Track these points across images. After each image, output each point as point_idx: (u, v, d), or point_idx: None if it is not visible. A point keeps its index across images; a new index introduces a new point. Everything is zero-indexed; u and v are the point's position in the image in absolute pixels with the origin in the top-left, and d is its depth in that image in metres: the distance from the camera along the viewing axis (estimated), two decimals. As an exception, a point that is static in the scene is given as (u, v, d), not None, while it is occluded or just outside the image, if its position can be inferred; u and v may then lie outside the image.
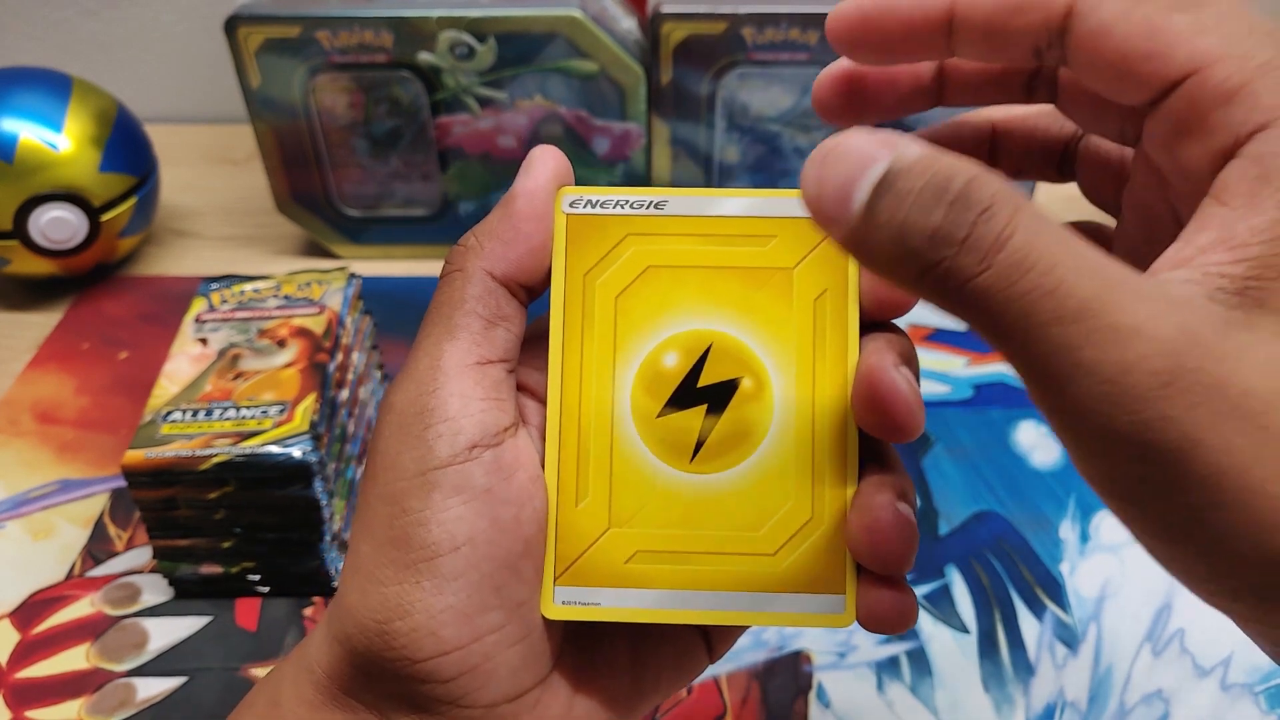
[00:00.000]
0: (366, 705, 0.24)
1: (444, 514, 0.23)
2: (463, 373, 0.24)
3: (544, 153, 0.26)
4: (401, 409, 0.24)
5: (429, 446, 0.23)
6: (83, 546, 0.50)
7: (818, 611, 0.24)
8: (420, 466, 0.23)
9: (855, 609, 0.24)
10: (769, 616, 0.24)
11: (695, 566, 0.25)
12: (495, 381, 0.24)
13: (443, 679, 0.23)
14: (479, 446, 0.23)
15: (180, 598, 0.47)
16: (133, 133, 0.65)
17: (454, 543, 0.23)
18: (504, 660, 0.24)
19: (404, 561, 0.23)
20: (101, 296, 0.66)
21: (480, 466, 0.23)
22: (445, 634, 0.23)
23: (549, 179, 0.25)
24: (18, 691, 0.43)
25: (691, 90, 0.62)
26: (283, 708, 0.25)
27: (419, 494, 0.23)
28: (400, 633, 0.23)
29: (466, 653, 0.23)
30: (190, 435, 0.43)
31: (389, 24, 0.59)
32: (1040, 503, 0.52)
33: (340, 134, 0.64)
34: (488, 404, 0.24)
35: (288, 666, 0.26)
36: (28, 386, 0.59)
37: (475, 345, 0.24)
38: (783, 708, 0.43)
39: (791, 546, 0.25)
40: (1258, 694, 0.43)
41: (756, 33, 0.60)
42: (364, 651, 0.23)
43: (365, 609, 0.23)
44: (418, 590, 0.23)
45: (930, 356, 0.61)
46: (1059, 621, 0.46)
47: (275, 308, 0.50)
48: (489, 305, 0.24)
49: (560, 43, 0.60)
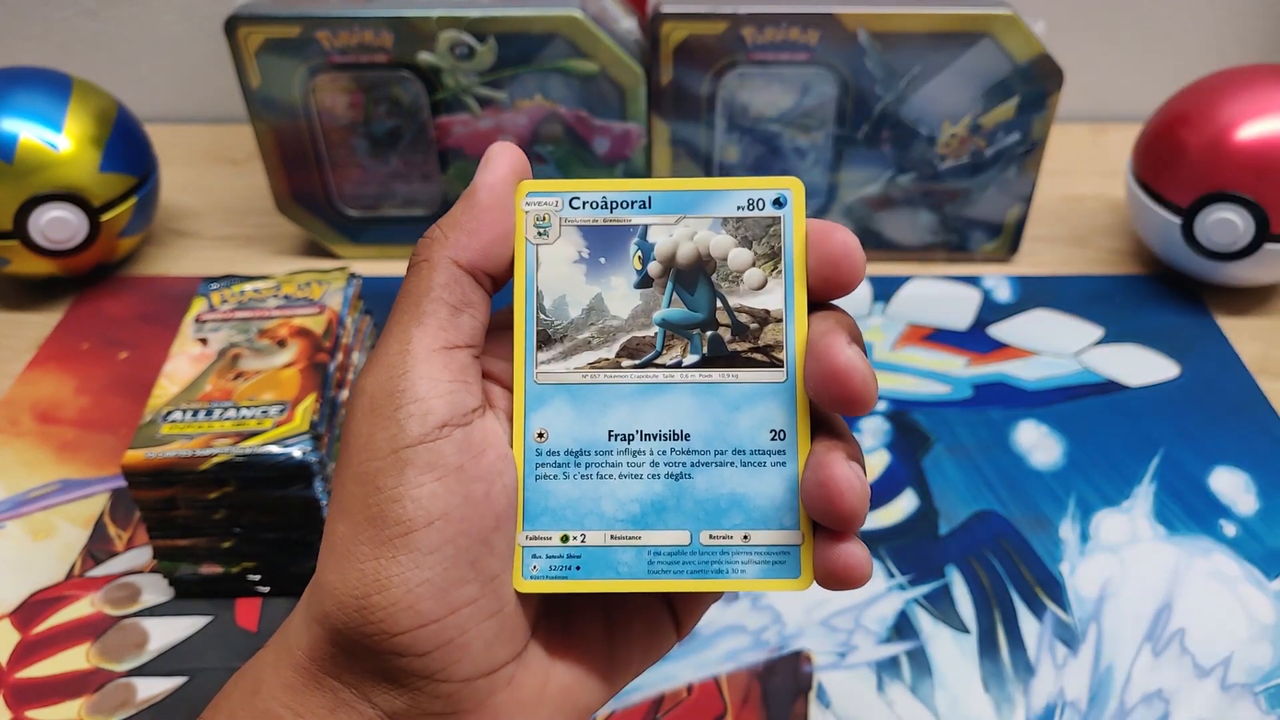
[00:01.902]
0: (346, 684, 0.24)
1: (417, 490, 0.23)
2: (431, 357, 0.24)
3: (502, 149, 0.27)
4: (372, 392, 0.24)
5: (401, 426, 0.24)
6: (83, 546, 0.50)
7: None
8: (393, 445, 0.24)
9: (811, 573, 0.25)
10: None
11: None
12: (462, 365, 0.25)
13: (420, 652, 0.24)
14: (449, 425, 0.24)
15: (180, 598, 0.47)
16: (133, 133, 0.65)
17: (428, 518, 0.23)
18: (479, 634, 0.24)
19: (380, 538, 0.23)
20: (101, 296, 0.66)
21: (451, 444, 0.24)
22: (422, 607, 0.23)
23: (508, 173, 0.26)
24: (18, 691, 0.43)
25: (691, 90, 0.62)
26: (263, 693, 0.25)
27: (392, 472, 0.24)
28: (378, 607, 0.23)
29: (443, 625, 0.24)
30: (190, 435, 0.43)
31: (389, 24, 0.59)
32: (1040, 503, 0.52)
33: (340, 134, 0.64)
34: (456, 385, 0.25)
35: (267, 652, 0.26)
36: (28, 386, 0.59)
37: (442, 331, 0.25)
38: (783, 708, 0.43)
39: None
40: (1258, 694, 0.43)
41: (756, 33, 0.60)
42: (343, 628, 0.24)
43: (343, 586, 0.24)
44: (394, 565, 0.23)
45: (930, 356, 0.61)
46: (1059, 621, 0.46)
47: (275, 308, 0.50)
48: (455, 293, 0.25)
49: (560, 43, 0.60)
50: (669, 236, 0.27)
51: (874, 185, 0.66)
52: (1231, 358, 0.61)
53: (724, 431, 0.26)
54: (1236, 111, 0.59)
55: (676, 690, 0.44)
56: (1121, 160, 0.69)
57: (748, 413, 0.26)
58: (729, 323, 0.26)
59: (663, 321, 0.27)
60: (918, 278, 0.68)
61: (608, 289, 0.27)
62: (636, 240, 0.27)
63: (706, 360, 0.26)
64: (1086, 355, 0.61)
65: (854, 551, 0.25)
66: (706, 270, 0.27)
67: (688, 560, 0.26)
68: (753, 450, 0.26)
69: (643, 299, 0.27)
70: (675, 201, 0.27)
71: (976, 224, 0.67)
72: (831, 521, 0.25)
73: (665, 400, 0.26)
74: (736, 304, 0.26)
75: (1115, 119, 0.86)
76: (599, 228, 0.27)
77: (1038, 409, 0.57)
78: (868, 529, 0.50)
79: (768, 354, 0.26)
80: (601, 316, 0.27)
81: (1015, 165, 0.65)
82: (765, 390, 0.26)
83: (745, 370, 0.26)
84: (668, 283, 0.27)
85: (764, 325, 0.26)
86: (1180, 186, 0.61)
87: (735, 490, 0.26)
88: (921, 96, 0.62)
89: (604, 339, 0.27)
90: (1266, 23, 0.83)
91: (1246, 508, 0.51)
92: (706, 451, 0.26)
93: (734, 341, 0.26)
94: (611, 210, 0.27)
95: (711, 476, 0.26)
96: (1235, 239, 0.59)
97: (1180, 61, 0.85)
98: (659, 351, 0.26)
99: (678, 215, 0.27)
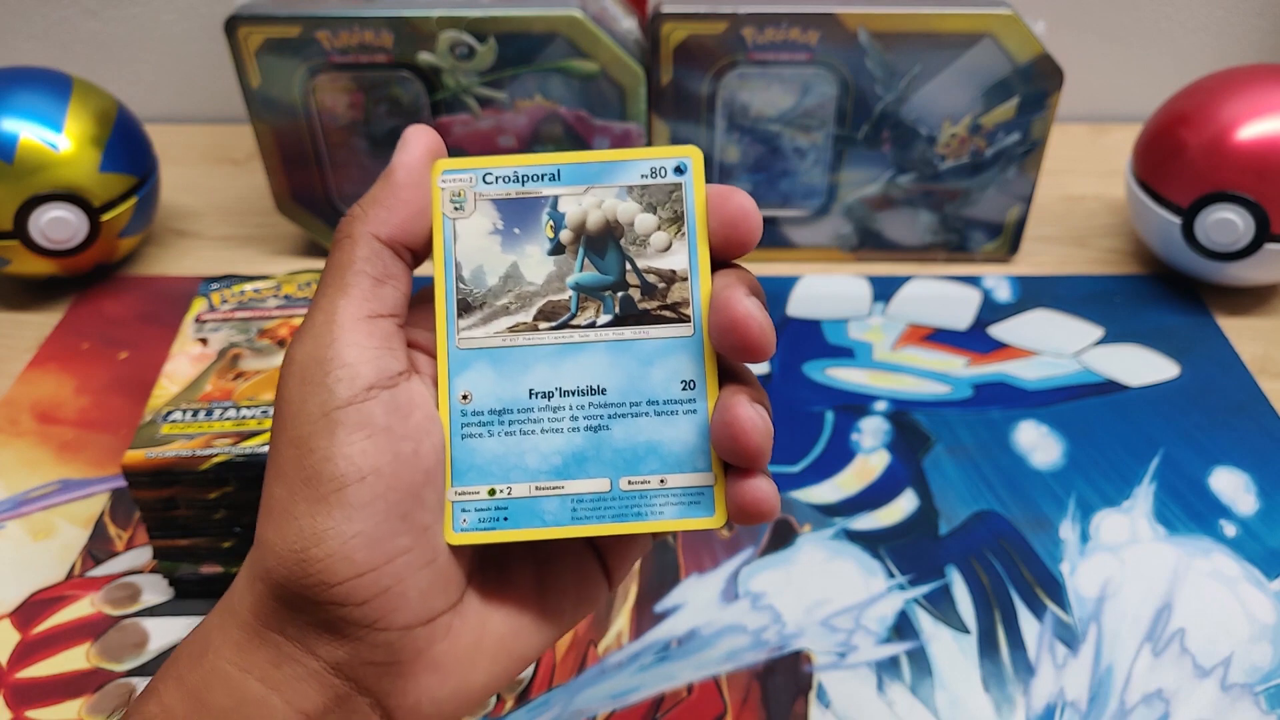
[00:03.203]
0: (290, 638, 0.25)
1: (349, 449, 0.25)
2: (356, 325, 0.26)
3: (418, 130, 0.28)
4: (302, 361, 0.26)
5: (330, 390, 0.25)
6: (83, 546, 0.50)
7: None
8: (323, 409, 0.25)
9: (725, 510, 0.27)
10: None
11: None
12: (386, 333, 0.26)
13: (357, 601, 0.25)
14: (375, 388, 0.25)
15: (180, 598, 0.47)
16: (133, 133, 0.65)
17: (359, 474, 0.25)
18: (414, 583, 0.26)
19: (315, 496, 0.25)
20: (101, 296, 0.66)
21: (379, 405, 0.25)
22: (358, 558, 0.25)
23: (423, 152, 0.28)
24: (18, 691, 0.43)
25: (691, 90, 0.62)
26: (210, 654, 0.26)
27: (324, 434, 0.25)
28: (316, 559, 0.24)
29: (378, 574, 0.25)
30: (190, 435, 0.43)
31: (389, 24, 0.59)
32: (1040, 503, 0.52)
33: (340, 134, 0.64)
34: (381, 351, 0.26)
35: (212, 616, 0.27)
36: (28, 386, 0.59)
37: (366, 301, 0.26)
38: (783, 708, 0.43)
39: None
40: (1258, 694, 0.43)
41: (756, 33, 0.60)
42: (284, 582, 0.25)
43: (282, 542, 0.25)
44: (329, 519, 0.25)
45: (930, 356, 0.61)
46: (1059, 621, 0.46)
47: (275, 308, 0.50)
48: (376, 265, 0.27)
49: (560, 43, 0.60)
50: (578, 205, 0.28)
51: (874, 185, 0.66)
52: (1231, 358, 0.61)
53: (638, 384, 0.28)
54: (1236, 111, 0.59)
55: (676, 690, 0.44)
56: (1121, 160, 0.69)
57: (659, 366, 0.28)
58: (638, 283, 0.28)
59: (576, 285, 0.28)
60: (918, 278, 0.68)
61: (523, 257, 0.28)
62: (548, 210, 0.28)
63: (619, 319, 0.28)
64: (1086, 355, 0.61)
65: (761, 486, 0.26)
66: (615, 235, 0.28)
67: (609, 506, 0.28)
68: (665, 400, 0.28)
69: (556, 265, 0.28)
70: (583, 173, 0.28)
71: (976, 224, 0.67)
72: (739, 459, 0.26)
73: (582, 358, 0.28)
74: (644, 266, 0.28)
75: (1115, 119, 0.86)
76: (512, 200, 0.28)
77: (1038, 409, 0.57)
78: (868, 529, 0.50)
79: (676, 310, 0.28)
80: (518, 283, 0.28)
81: (1015, 165, 0.65)
82: (674, 344, 0.28)
83: (655, 326, 0.28)
84: (579, 249, 0.28)
85: (671, 284, 0.28)
86: (1180, 186, 0.61)
87: (651, 438, 0.28)
88: (922, 96, 0.62)
89: (521, 304, 0.28)
90: (1266, 23, 0.83)
91: (1246, 508, 0.51)
92: (622, 404, 0.28)
93: (644, 301, 0.28)
94: (523, 184, 0.28)
95: (628, 427, 0.28)
96: (1235, 239, 0.59)
97: (1180, 61, 0.85)
98: (574, 313, 0.28)
99: (586, 185, 0.28)
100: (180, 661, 0.26)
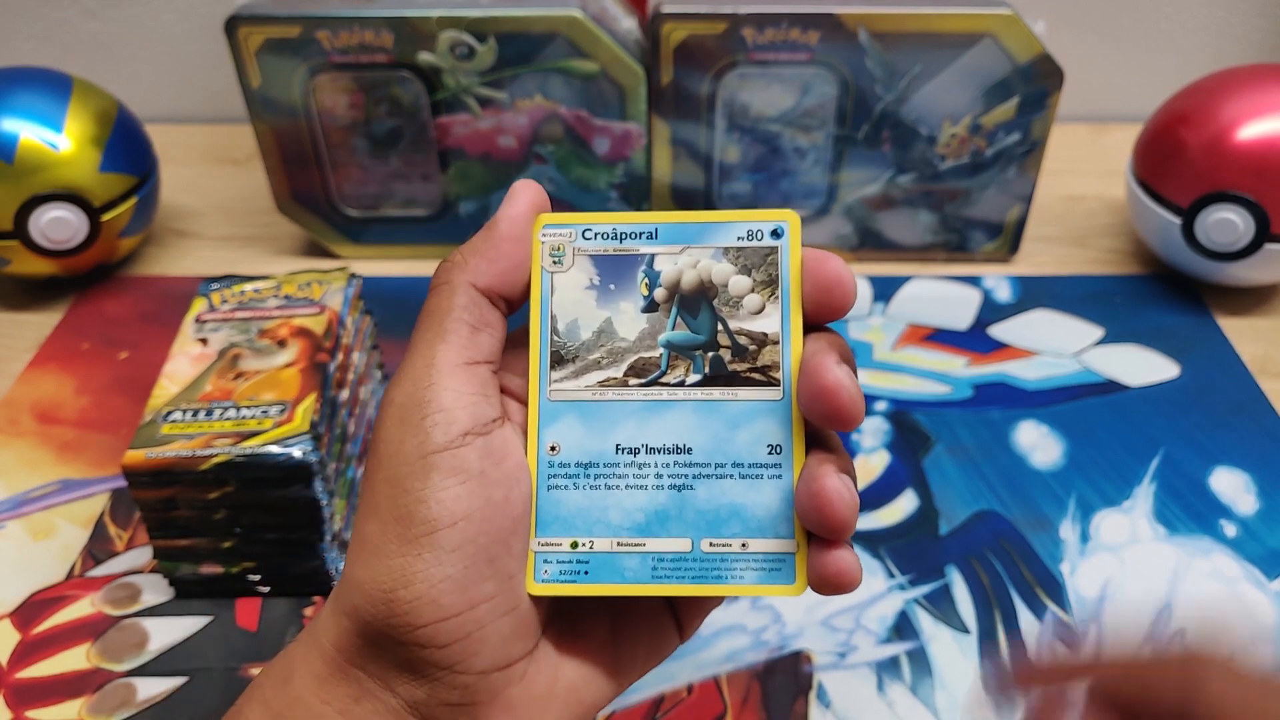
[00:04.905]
0: (371, 675, 0.26)
1: (442, 493, 0.25)
2: (454, 371, 0.26)
3: (525, 185, 0.29)
4: (401, 402, 0.26)
5: (427, 433, 0.26)
6: (83, 546, 0.50)
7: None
8: (420, 451, 0.26)
9: (805, 578, 0.27)
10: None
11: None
12: (482, 380, 0.27)
13: (441, 644, 0.25)
14: (471, 434, 0.26)
15: (180, 598, 0.47)
16: (133, 133, 0.65)
17: (451, 518, 0.25)
18: (495, 629, 0.26)
19: (406, 536, 0.25)
20: (101, 296, 0.66)
21: (473, 451, 0.26)
22: (444, 601, 0.25)
23: (528, 206, 0.29)
24: (18, 691, 0.43)
25: (691, 90, 0.62)
26: (294, 682, 0.27)
27: (419, 476, 0.25)
28: (403, 600, 0.25)
29: (462, 619, 0.25)
30: (190, 435, 0.43)
31: (389, 24, 0.59)
32: (1040, 503, 0.52)
33: (340, 134, 0.64)
34: (477, 398, 0.27)
35: (297, 645, 0.28)
36: (28, 386, 0.59)
37: (464, 348, 0.27)
38: (783, 708, 0.43)
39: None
40: (1258, 694, 0.43)
41: (756, 33, 0.60)
42: (370, 620, 0.25)
43: (372, 580, 0.25)
44: (419, 562, 0.25)
45: (930, 356, 0.61)
46: (1059, 621, 0.46)
47: (275, 308, 0.50)
48: (474, 313, 0.27)
49: (560, 43, 0.60)
50: (674, 265, 0.29)
51: (874, 185, 0.66)
52: (1231, 358, 0.61)
53: (724, 446, 0.28)
54: (1236, 111, 0.59)
55: (676, 690, 0.44)
56: (1121, 160, 0.69)
57: (746, 428, 0.28)
58: (729, 344, 0.28)
59: (667, 343, 0.28)
60: (918, 278, 0.68)
61: (617, 313, 0.29)
62: (644, 268, 0.29)
63: (708, 379, 0.28)
64: (1086, 355, 0.61)
65: (845, 558, 0.26)
66: (708, 296, 0.28)
67: (689, 566, 0.27)
68: (751, 464, 0.28)
69: (649, 322, 0.28)
70: (680, 233, 0.29)
71: (976, 224, 0.67)
72: (824, 530, 0.26)
73: (669, 416, 0.28)
74: (736, 327, 0.28)
75: (1115, 119, 0.86)
76: (609, 257, 0.29)
77: (1038, 409, 0.57)
78: (868, 529, 0.50)
79: (765, 374, 0.28)
80: (610, 339, 0.29)
81: (1015, 165, 0.65)
82: (763, 408, 0.28)
83: (744, 389, 0.28)
84: (672, 307, 0.29)
85: (762, 347, 0.28)
86: (1180, 186, 0.61)
87: (734, 501, 0.27)
88: (922, 96, 0.62)
89: (613, 359, 0.28)
90: (1266, 23, 0.83)
91: (1246, 508, 0.51)
92: (707, 464, 0.28)
93: (734, 362, 0.28)
94: (621, 241, 0.29)
95: (712, 488, 0.28)
96: (1235, 239, 0.59)
97: (1180, 61, 0.85)
98: (664, 371, 0.28)
99: (682, 245, 0.29)
100: (265, 687, 0.27)
